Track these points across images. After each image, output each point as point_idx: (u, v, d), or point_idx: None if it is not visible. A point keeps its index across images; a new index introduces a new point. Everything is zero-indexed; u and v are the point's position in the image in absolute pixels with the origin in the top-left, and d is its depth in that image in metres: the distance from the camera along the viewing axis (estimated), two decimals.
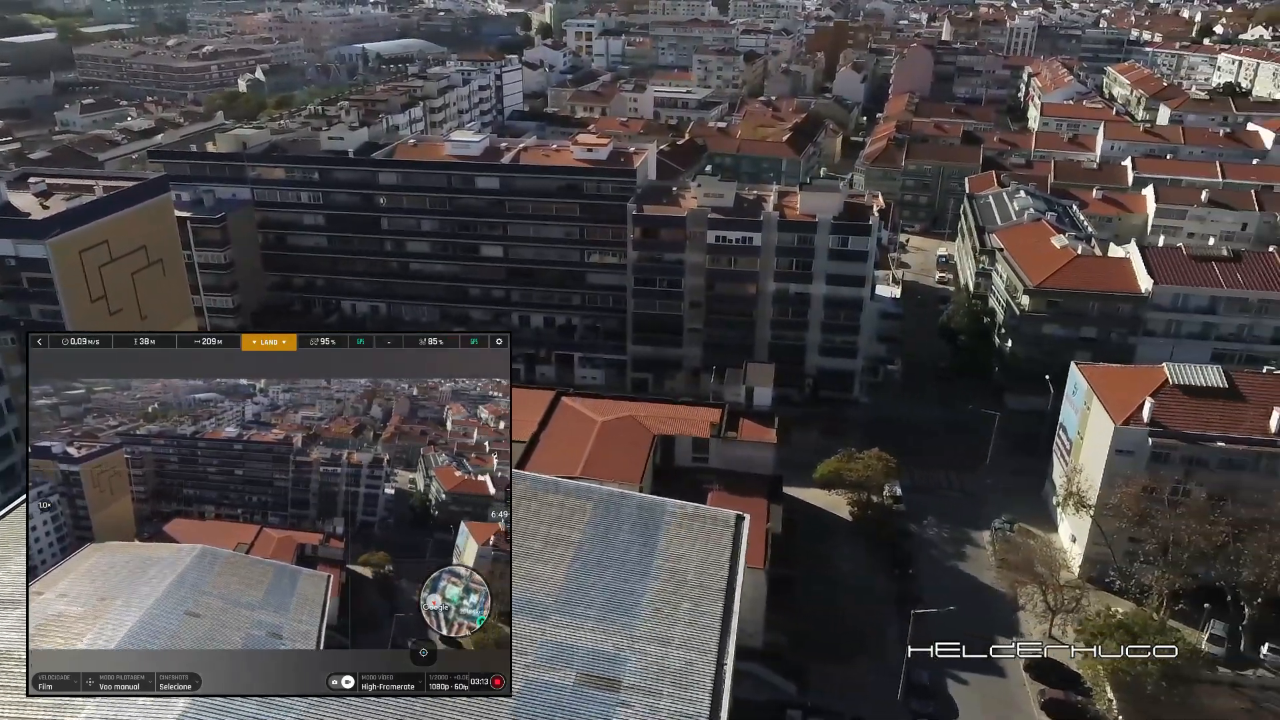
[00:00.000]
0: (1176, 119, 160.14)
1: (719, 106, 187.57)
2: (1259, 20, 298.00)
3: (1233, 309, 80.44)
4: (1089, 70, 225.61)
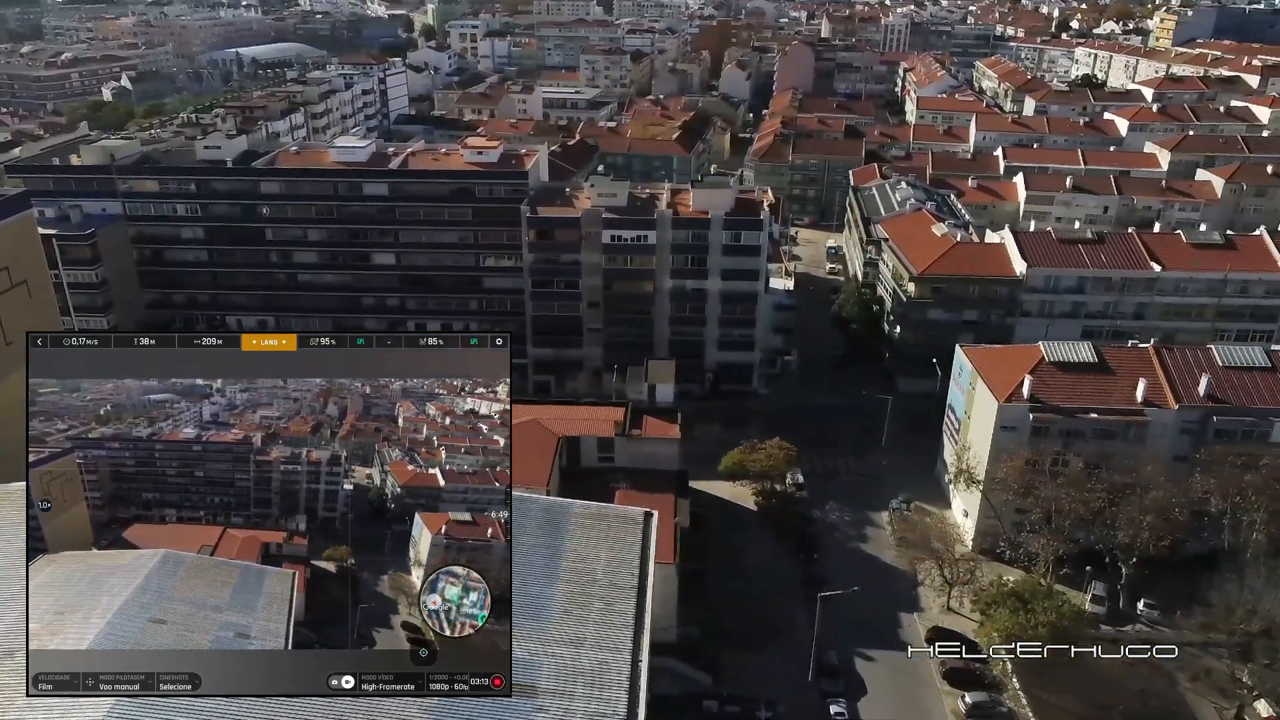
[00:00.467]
0: (1041, 110, 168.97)
1: (608, 106, 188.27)
2: (1109, 16, 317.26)
3: (1099, 288, 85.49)
4: (959, 65, 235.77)
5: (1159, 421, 62.99)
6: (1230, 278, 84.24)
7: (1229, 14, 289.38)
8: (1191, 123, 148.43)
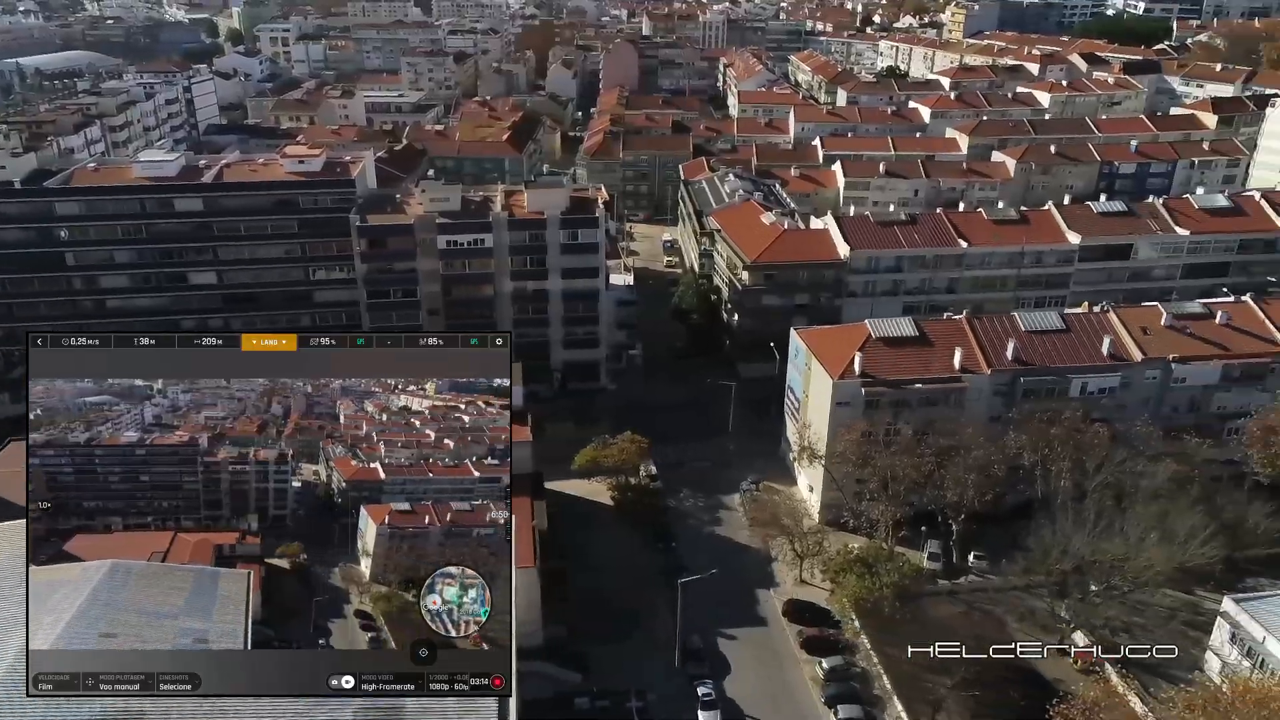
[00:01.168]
0: (853, 100, 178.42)
1: (435, 109, 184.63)
2: (907, 11, 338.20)
3: (915, 266, 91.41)
4: (775, 59, 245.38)
5: (975, 386, 68.13)
6: (1026, 250, 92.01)
7: (1010, 8, 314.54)
8: (984, 109, 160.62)
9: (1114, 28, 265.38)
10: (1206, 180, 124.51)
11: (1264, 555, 60.45)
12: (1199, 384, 70.28)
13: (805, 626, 59.49)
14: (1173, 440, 65.38)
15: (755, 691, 55.39)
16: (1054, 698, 45.88)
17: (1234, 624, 52.29)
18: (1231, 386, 70.35)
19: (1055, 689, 49.03)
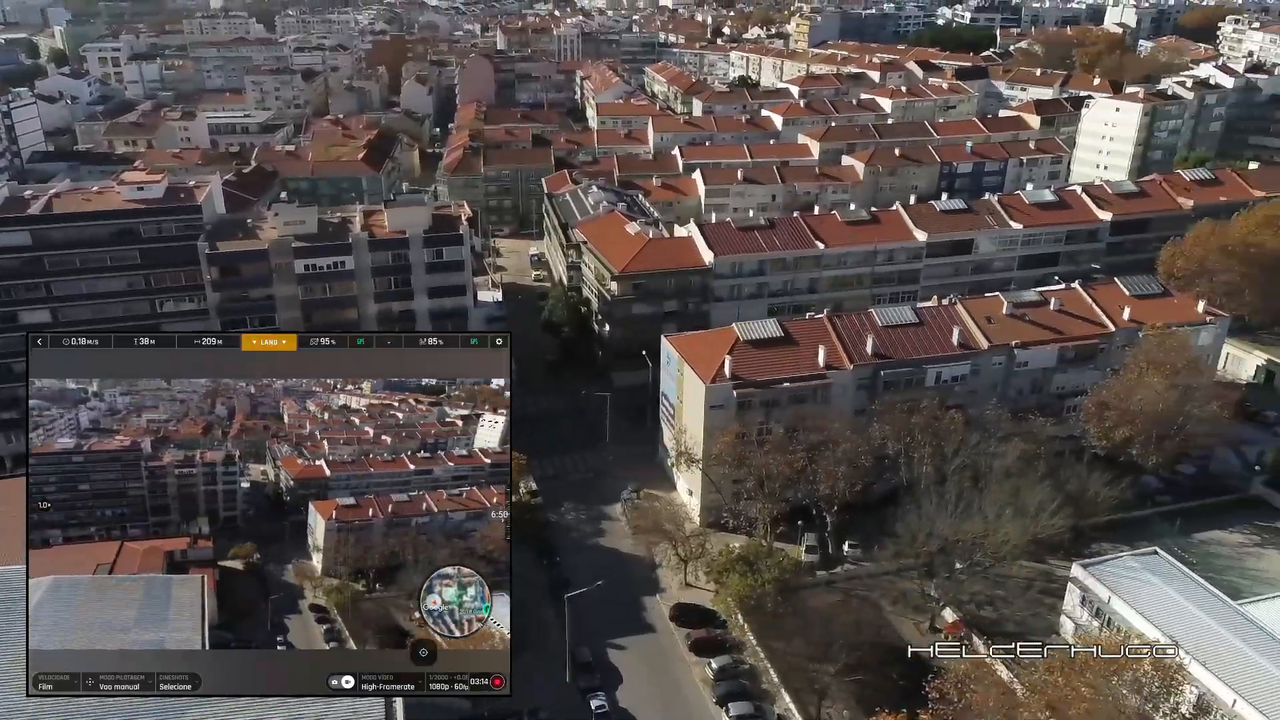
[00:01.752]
0: (708, 110, 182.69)
1: (284, 129, 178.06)
2: (755, 22, 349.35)
3: (776, 268, 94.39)
4: (631, 71, 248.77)
5: (839, 382, 70.89)
6: (879, 248, 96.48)
7: (850, 19, 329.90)
8: (832, 115, 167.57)
9: (945, 37, 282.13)
10: (1034, 177, 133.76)
11: (1105, 522, 65.34)
12: (1039, 367, 75.38)
13: (693, 629, 60.34)
14: (1019, 421, 69.83)
15: (647, 698, 55.79)
16: (929, 674, 48.14)
17: (1083, 588, 56.36)
18: (1067, 368, 75.84)
19: (931, 666, 51.47)
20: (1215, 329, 79.88)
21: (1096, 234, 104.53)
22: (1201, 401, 69.81)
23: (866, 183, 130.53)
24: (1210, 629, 50.35)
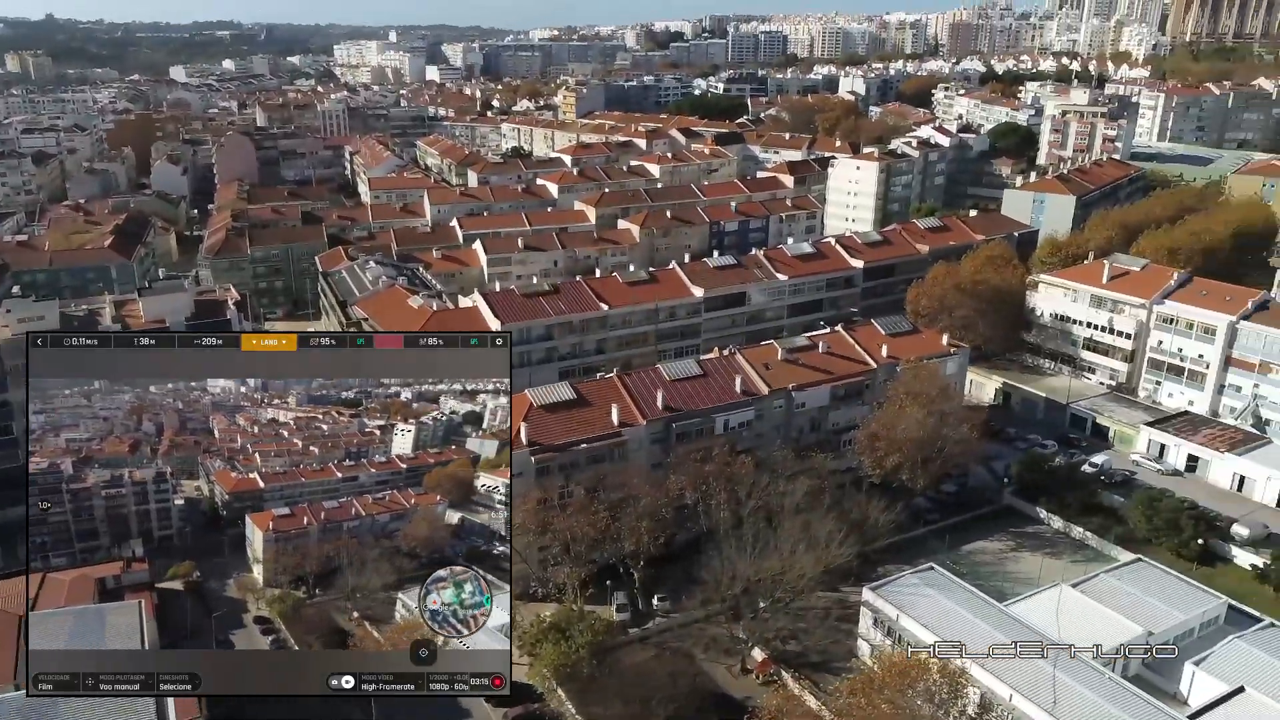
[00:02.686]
0: (484, 180, 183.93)
1: (13, 217, 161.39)
2: (523, 94, 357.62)
3: (564, 332, 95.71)
4: (402, 145, 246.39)
5: (634, 438, 72.39)
6: (660, 306, 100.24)
7: (613, 89, 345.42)
8: (605, 181, 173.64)
9: (702, 105, 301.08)
10: (794, 231, 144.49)
11: (886, 545, 70.20)
12: (815, 406, 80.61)
13: (509, 707, 58.54)
14: (803, 459, 74.07)
15: None
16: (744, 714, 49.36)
17: (873, 609, 60.06)
18: (840, 405, 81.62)
19: (745, 705, 52.82)
20: (959, 359, 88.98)
21: (852, 280, 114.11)
22: (954, 425, 77.15)
23: (643, 244, 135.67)
24: (985, 632, 55.09)
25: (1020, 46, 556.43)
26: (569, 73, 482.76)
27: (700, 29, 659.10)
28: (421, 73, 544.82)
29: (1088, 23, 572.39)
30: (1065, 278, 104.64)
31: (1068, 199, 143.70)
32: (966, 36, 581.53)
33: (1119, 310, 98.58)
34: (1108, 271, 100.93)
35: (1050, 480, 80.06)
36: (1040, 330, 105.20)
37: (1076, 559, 72.06)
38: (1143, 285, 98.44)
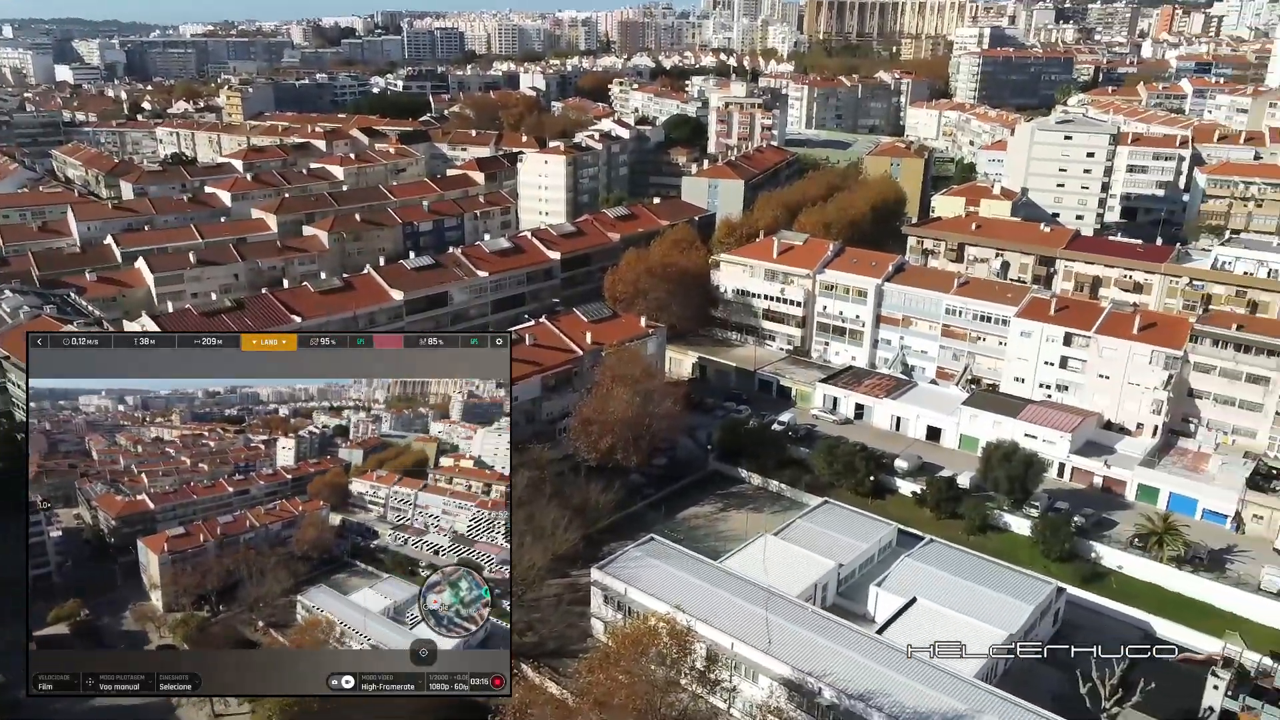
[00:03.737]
0: (140, 191, 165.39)
1: None
2: (178, 96, 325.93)
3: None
4: (33, 155, 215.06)
5: None
6: (359, 313, 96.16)
7: (283, 89, 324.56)
8: (284, 186, 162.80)
9: (382, 104, 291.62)
10: (490, 228, 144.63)
11: (608, 525, 72.96)
12: (529, 398, 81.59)
13: None
14: (522, 451, 74.61)
15: None
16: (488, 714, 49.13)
17: (603, 587, 62.26)
18: (552, 394, 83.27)
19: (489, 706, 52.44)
20: (657, 339, 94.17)
21: (551, 272, 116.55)
22: (659, 401, 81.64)
23: (333, 251, 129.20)
24: (705, 590, 59.10)
25: (684, 43, 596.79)
26: (231, 71, 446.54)
27: (373, 25, 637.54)
28: (50, 73, 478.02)
29: (739, 22, 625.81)
30: (741, 255, 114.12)
31: (737, 184, 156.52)
32: (635, 34, 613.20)
33: (789, 281, 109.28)
34: (776, 247, 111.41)
35: (747, 442, 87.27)
36: (726, 305, 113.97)
37: (775, 510, 79.26)
38: (806, 257, 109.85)
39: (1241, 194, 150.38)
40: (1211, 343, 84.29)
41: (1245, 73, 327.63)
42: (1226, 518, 75.92)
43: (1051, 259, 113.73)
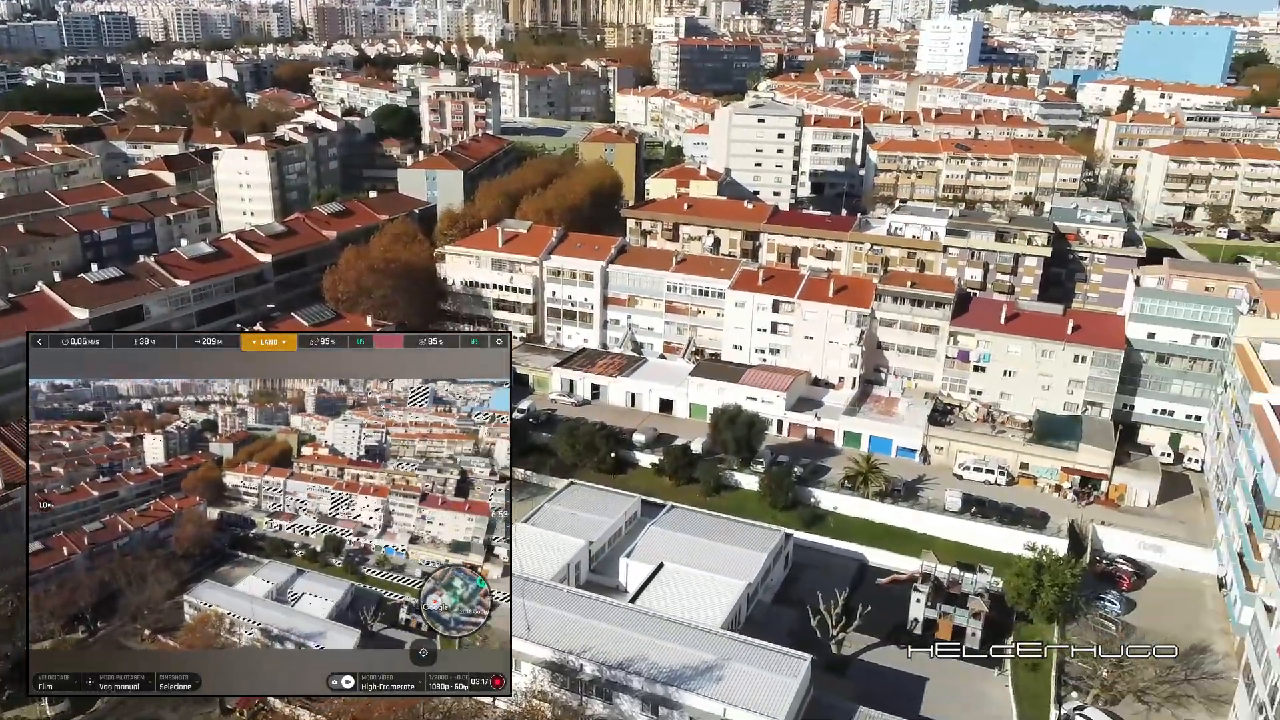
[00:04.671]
0: None
1: None
2: None
3: None
4: None
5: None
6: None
7: None
8: None
9: (41, 98, 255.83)
10: (186, 232, 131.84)
11: None
12: None
13: None
14: None
15: None
16: None
17: None
18: None
19: None
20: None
21: (263, 276, 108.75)
22: None
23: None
24: None
25: (386, 31, 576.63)
26: None
27: (20, 8, 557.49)
28: None
29: (443, 9, 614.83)
30: (467, 246, 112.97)
31: (455, 174, 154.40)
32: (334, 20, 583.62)
33: (517, 269, 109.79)
34: (501, 236, 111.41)
35: None
36: (455, 298, 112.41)
37: (523, 497, 79.78)
38: (531, 245, 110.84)
39: (905, 168, 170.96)
40: (891, 300, 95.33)
41: (900, 60, 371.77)
42: (915, 452, 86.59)
43: (756, 233, 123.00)
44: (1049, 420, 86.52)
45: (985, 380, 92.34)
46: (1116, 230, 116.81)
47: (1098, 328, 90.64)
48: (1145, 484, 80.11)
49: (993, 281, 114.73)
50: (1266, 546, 57.13)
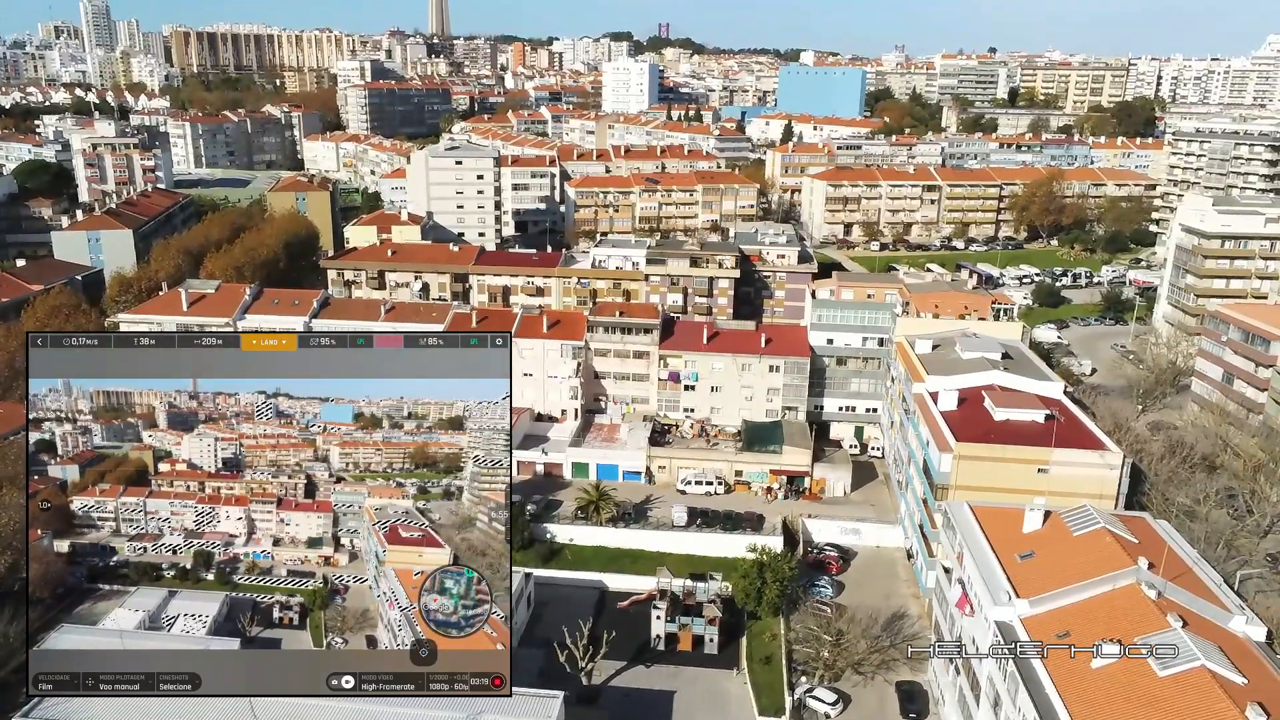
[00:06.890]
0: None
1: None
2: None
3: None
4: None
5: None
6: None
7: None
8: None
9: None
10: None
11: None
12: None
13: None
14: None
15: None
16: None
17: None
18: None
19: None
20: None
21: None
22: None
23: None
24: None
25: (24, 78, 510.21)
26: None
27: None
28: None
29: (92, 53, 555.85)
30: (145, 313, 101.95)
31: (124, 233, 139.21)
32: None
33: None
34: (186, 299, 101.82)
35: None
36: None
37: None
38: (222, 305, 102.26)
39: (602, 202, 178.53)
40: (603, 330, 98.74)
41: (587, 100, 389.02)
42: (640, 474, 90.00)
43: (466, 275, 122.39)
44: (754, 428, 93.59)
45: (696, 398, 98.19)
46: (791, 250, 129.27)
47: (786, 339, 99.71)
48: (840, 475, 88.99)
49: (692, 304, 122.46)
50: (940, 516, 65.47)
